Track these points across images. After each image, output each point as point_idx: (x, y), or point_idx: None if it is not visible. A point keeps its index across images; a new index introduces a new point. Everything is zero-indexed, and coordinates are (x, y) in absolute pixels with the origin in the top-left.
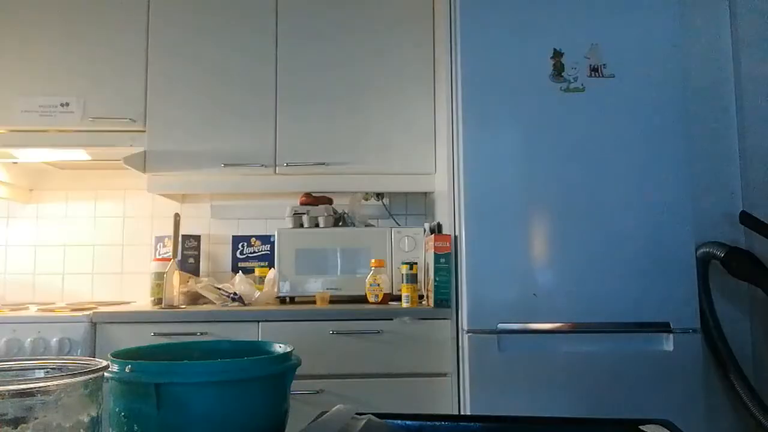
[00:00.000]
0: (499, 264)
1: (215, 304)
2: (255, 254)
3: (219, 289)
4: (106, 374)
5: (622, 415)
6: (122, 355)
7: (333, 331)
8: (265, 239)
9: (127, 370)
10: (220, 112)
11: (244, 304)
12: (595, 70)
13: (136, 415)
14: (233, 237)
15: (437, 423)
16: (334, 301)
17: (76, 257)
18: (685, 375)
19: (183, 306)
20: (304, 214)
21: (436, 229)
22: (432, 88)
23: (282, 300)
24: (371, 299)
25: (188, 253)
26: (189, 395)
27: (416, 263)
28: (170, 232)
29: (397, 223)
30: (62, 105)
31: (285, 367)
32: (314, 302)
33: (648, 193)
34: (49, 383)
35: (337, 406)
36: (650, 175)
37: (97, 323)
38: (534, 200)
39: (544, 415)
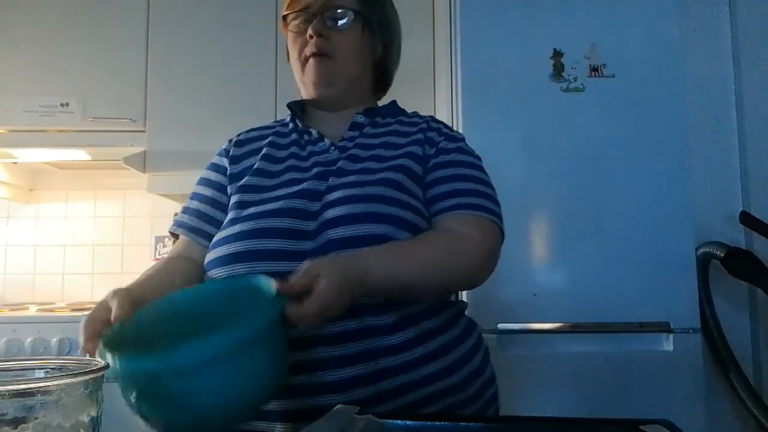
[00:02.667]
0: (499, 264)
1: None
2: None
3: None
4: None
5: (622, 415)
6: (111, 342)
7: None
8: None
9: (115, 365)
10: (220, 112)
11: None
12: (595, 70)
13: (142, 397)
14: None
15: (437, 423)
16: None
17: (76, 257)
18: (685, 375)
19: None
20: None
21: None
22: (432, 87)
23: None
24: None
25: None
26: (188, 380)
27: None
28: None
29: None
30: (62, 105)
31: (277, 312)
32: None
33: (648, 193)
34: (49, 383)
35: (337, 406)
36: (650, 174)
37: None
38: (534, 200)
39: (544, 415)
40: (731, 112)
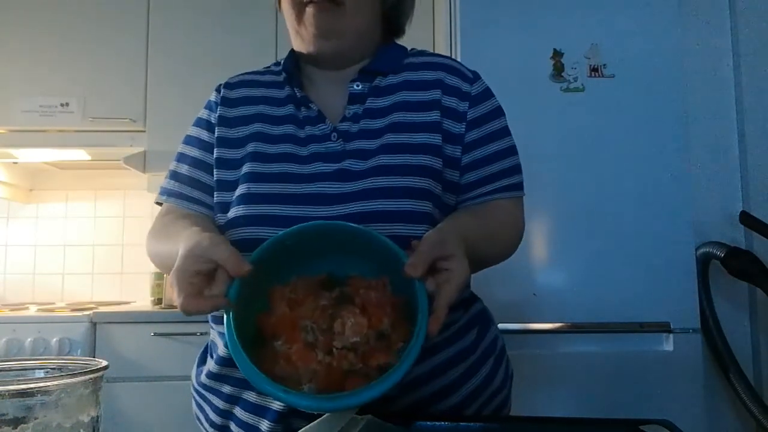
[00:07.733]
0: (499, 264)
1: None
2: None
3: None
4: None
5: (622, 415)
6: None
7: None
8: None
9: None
10: None
11: None
12: (595, 70)
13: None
14: None
15: (437, 423)
16: None
17: (76, 257)
18: (685, 375)
19: None
20: None
21: None
22: None
23: None
24: None
25: None
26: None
27: None
28: None
29: None
30: (62, 105)
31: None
32: None
33: (648, 193)
34: (49, 383)
35: None
36: (650, 175)
37: (97, 323)
38: (534, 200)
39: (544, 415)
40: (731, 112)
